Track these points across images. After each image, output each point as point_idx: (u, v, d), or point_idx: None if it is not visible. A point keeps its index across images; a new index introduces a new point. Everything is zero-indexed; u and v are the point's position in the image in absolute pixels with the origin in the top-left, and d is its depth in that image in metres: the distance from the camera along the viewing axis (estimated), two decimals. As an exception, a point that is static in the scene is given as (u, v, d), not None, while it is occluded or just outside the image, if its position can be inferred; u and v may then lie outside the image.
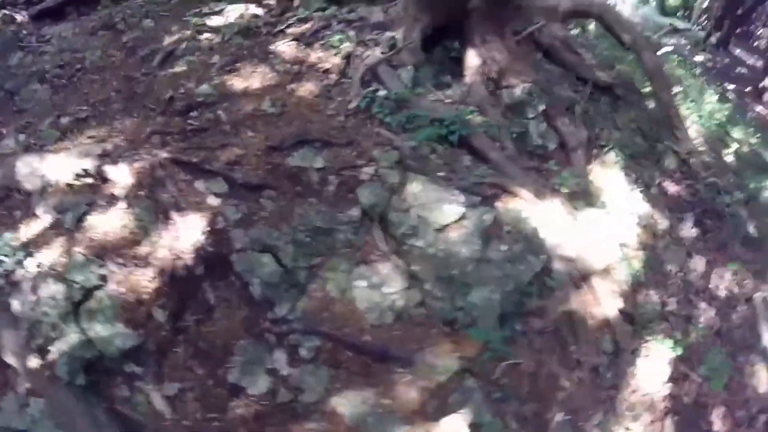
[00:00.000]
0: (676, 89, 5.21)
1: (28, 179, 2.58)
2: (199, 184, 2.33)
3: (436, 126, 2.66)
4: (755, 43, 15.23)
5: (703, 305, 3.48)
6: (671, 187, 3.96)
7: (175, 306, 2.12)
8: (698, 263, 3.59)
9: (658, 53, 6.49)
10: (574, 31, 4.42)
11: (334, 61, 3.02)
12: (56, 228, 2.36)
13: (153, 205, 2.26)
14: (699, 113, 5.11)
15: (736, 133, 5.54)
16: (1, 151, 3.06)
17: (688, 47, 10.60)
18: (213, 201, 2.28)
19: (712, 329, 3.42)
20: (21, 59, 4.12)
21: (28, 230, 2.43)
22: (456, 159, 2.67)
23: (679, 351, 3.02)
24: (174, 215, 2.20)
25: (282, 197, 2.34)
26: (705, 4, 15.14)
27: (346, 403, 2.13)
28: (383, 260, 2.32)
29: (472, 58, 3.06)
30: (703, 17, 15.22)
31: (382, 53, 2.97)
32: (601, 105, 3.67)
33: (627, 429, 2.75)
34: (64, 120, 3.16)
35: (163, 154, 2.45)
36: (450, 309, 2.40)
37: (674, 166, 4.10)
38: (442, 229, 2.38)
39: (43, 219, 2.43)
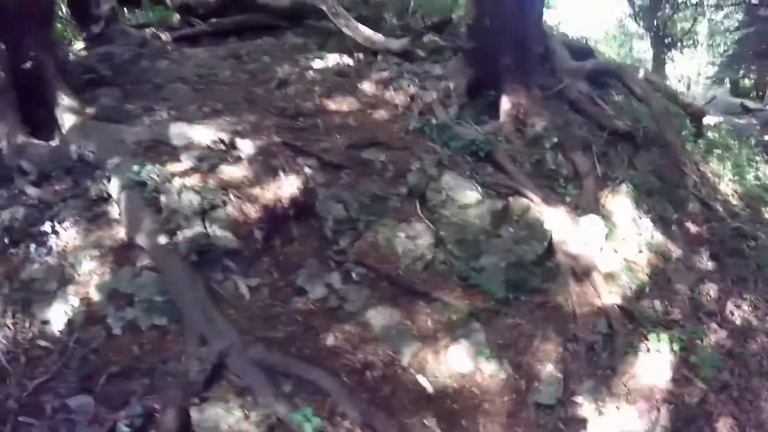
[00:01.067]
0: (717, 152, 5.82)
1: (177, 138, 3.61)
2: (299, 160, 3.52)
3: (469, 143, 3.70)
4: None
5: (713, 325, 3.85)
6: (692, 227, 4.50)
7: (269, 231, 3.16)
8: (710, 289, 4.02)
9: (710, 121, 7.08)
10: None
11: (401, 98, 4.26)
12: (194, 170, 3.36)
13: (266, 166, 3.45)
14: (740, 174, 5.59)
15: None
16: (154, 118, 4.11)
17: (758, 127, 10.74)
18: (307, 170, 3.44)
19: (723, 348, 3.76)
20: (166, 65, 5.34)
21: (173, 167, 3.37)
22: (481, 167, 3.65)
23: (677, 348, 3.46)
24: (280, 175, 3.38)
25: (354, 175, 3.46)
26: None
27: (377, 317, 2.99)
28: (419, 222, 3.29)
29: (504, 103, 4.13)
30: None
31: (436, 95, 4.16)
32: (620, 150, 4.48)
33: (618, 407, 3.21)
34: (205, 108, 4.23)
35: (276, 138, 3.70)
36: (465, 268, 3.24)
37: (697, 211, 4.66)
38: (463, 206, 3.31)
39: (186, 163, 3.41)
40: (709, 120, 6.61)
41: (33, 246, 3.03)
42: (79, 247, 3.02)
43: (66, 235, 3.09)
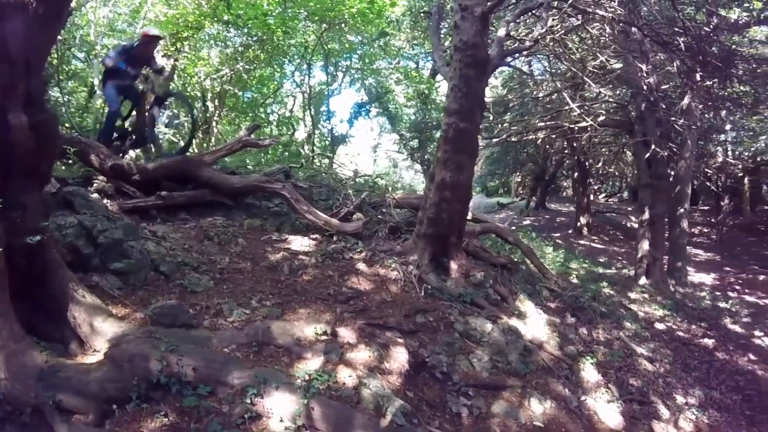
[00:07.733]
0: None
1: (282, 336, 4.56)
2: (388, 334, 5.60)
3: (457, 295, 6.64)
4: (563, 193, 24.97)
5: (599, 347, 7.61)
6: (552, 305, 8.44)
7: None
8: (585, 330, 7.85)
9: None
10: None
11: (394, 274, 6.89)
12: (328, 362, 4.58)
13: (375, 344, 5.37)
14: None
15: (573, 264, 10.81)
16: (236, 319, 4.79)
17: (515, 216, 17.34)
18: (399, 340, 5.59)
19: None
20: (155, 248, 5.47)
21: (309, 365, 4.45)
22: (470, 309, 6.59)
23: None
24: (390, 348, 5.43)
25: (426, 333, 5.76)
26: (518, 179, 24.57)
27: None
28: (478, 346, 5.94)
29: (453, 264, 7.32)
30: (520, 189, 24.59)
31: (412, 268, 6.99)
32: (505, 274, 8.19)
33: None
34: (266, 302, 5.31)
35: (359, 322, 5.68)
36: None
37: (548, 295, 8.70)
38: (487, 332, 6.14)
39: (315, 359, 4.54)
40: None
41: None
42: None
43: None
